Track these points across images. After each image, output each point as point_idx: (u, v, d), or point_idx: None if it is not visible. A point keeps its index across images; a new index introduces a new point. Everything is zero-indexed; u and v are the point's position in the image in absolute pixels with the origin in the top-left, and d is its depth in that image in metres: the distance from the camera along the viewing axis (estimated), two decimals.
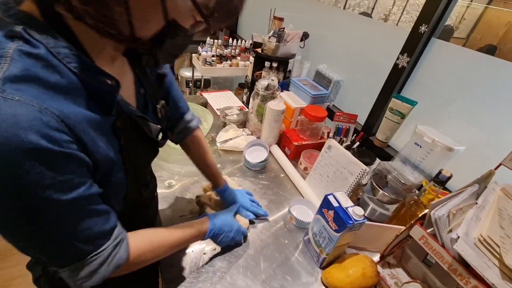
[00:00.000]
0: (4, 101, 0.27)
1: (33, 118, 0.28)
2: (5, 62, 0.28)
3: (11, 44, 0.29)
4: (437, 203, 0.54)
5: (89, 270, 0.38)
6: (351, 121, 1.05)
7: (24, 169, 0.28)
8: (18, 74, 0.29)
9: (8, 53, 0.29)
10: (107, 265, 0.40)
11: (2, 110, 0.27)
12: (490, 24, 2.94)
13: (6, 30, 0.30)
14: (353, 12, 1.14)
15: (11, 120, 0.27)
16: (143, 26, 0.35)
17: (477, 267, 0.44)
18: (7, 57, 0.28)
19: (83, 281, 0.39)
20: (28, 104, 0.28)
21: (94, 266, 0.39)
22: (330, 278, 0.63)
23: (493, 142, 0.76)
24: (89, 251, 0.38)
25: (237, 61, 1.80)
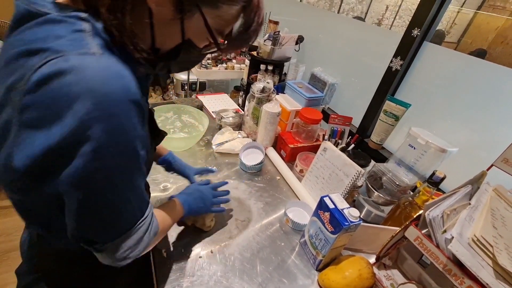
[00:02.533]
0: (109, 60, 0.32)
1: (129, 75, 0.33)
2: (90, 35, 0.33)
3: (85, 23, 0.33)
4: (431, 204, 0.55)
5: (136, 238, 0.40)
6: (346, 124, 1.05)
7: (128, 118, 0.33)
8: (104, 45, 0.33)
9: (87, 28, 0.33)
10: (149, 233, 0.43)
11: (112, 67, 0.32)
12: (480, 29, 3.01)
13: (72, 15, 0.33)
14: (347, 17, 1.16)
15: (119, 74, 0.32)
16: (163, 40, 0.40)
17: (471, 267, 0.45)
18: (89, 31, 0.33)
19: (129, 252, 0.40)
20: (123, 65, 0.33)
21: (140, 234, 0.41)
22: (326, 280, 0.63)
23: (485, 143, 0.77)
24: (138, 217, 0.40)
25: (232, 64, 1.80)
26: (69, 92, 0.29)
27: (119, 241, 0.39)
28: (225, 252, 0.68)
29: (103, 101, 0.30)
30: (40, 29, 0.32)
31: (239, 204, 0.83)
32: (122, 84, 0.32)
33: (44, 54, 0.30)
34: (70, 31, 0.32)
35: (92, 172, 0.32)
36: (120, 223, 0.39)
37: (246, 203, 0.84)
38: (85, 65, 0.30)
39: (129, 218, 0.39)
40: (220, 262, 0.66)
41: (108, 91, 0.31)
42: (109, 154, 0.32)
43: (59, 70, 0.29)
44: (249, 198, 0.86)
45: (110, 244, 0.38)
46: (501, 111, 0.74)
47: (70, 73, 0.29)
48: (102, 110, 0.30)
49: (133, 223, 0.40)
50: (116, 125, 0.32)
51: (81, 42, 0.32)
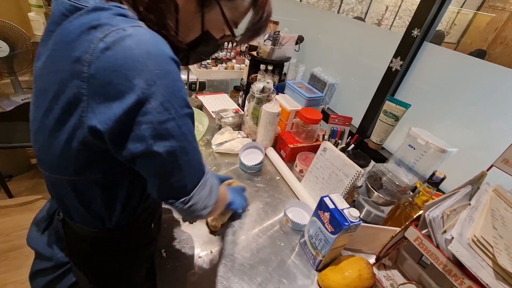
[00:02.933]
0: (145, 30, 0.36)
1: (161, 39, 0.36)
2: (133, 16, 0.37)
3: (128, 11, 0.37)
4: (431, 204, 0.55)
5: (208, 188, 0.45)
6: (346, 124, 1.05)
7: (177, 74, 0.37)
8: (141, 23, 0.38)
9: (129, 13, 0.37)
10: (214, 187, 0.48)
11: (155, 35, 0.36)
12: (480, 29, 3.02)
13: (112, 4, 0.37)
14: (347, 17, 1.16)
15: (161, 40, 0.36)
16: (186, 33, 0.45)
17: (471, 267, 0.45)
18: (130, 15, 0.37)
19: (208, 200, 0.45)
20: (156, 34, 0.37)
21: (210, 184, 0.46)
22: (326, 280, 0.62)
23: (484, 144, 0.77)
24: (203, 167, 0.45)
25: (232, 64, 1.80)
26: (132, 55, 0.33)
27: (197, 191, 0.43)
28: (225, 252, 0.68)
29: (159, 61, 0.34)
30: (93, 14, 0.36)
31: None
32: (166, 47, 0.36)
33: (104, 27, 0.34)
34: (116, 13, 0.36)
35: (164, 123, 0.36)
36: (195, 172, 0.43)
37: None
38: (141, 33, 0.34)
39: (200, 167, 0.43)
40: (220, 262, 0.65)
41: (161, 52, 0.35)
42: (173, 106, 0.36)
43: (120, 37, 0.33)
44: (249, 198, 0.86)
45: (192, 196, 0.42)
46: (501, 111, 0.74)
47: (130, 38, 0.33)
48: (160, 68, 0.34)
49: (203, 172, 0.44)
50: (172, 79, 0.36)
51: (131, 20, 0.36)
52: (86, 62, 0.33)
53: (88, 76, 0.33)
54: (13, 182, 1.87)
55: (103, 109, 0.34)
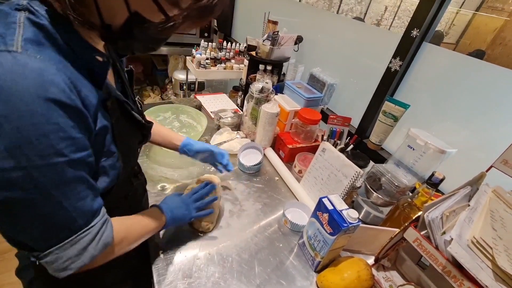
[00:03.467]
0: (29, 58, 0.31)
1: (54, 74, 0.32)
2: (20, 27, 0.32)
3: (20, 14, 0.33)
4: (431, 205, 0.55)
5: (78, 247, 0.38)
6: (345, 124, 1.05)
7: (46, 118, 0.31)
8: (33, 38, 0.32)
9: (20, 19, 0.32)
10: (96, 243, 0.40)
11: (29, 64, 0.31)
12: (479, 30, 3.02)
13: (14, 4, 0.33)
14: (346, 17, 1.15)
15: (37, 72, 0.31)
16: (110, 15, 0.37)
17: (471, 268, 0.45)
18: (20, 23, 0.32)
19: (71, 261, 0.38)
20: (48, 63, 0.32)
21: (83, 243, 0.38)
22: (325, 281, 0.62)
23: (484, 144, 0.77)
24: (80, 225, 0.38)
25: (231, 64, 1.80)
26: None
27: (56, 251, 0.36)
28: (223, 254, 0.68)
29: (13, 100, 0.29)
30: None
31: (237, 205, 0.83)
32: (39, 82, 0.30)
33: None
34: (2, 24, 0.32)
35: (9, 171, 0.30)
36: (54, 232, 0.36)
37: (244, 204, 0.84)
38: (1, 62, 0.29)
39: (66, 227, 0.36)
40: (217, 263, 0.65)
41: (20, 89, 0.29)
42: (23, 154, 0.30)
43: None
44: (247, 198, 0.86)
45: (47, 253, 0.36)
46: (500, 112, 0.74)
47: None
48: (12, 109, 0.29)
49: (72, 232, 0.37)
50: (29, 124, 0.30)
51: (5, 38, 0.31)
52: None
53: None
54: None
55: None
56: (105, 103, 0.42)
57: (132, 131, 0.53)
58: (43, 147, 0.31)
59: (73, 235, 0.37)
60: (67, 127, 0.33)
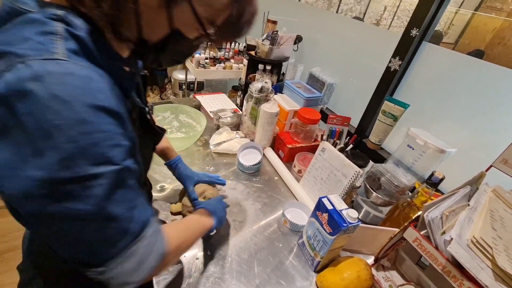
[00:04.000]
0: (75, 65, 0.31)
1: (99, 81, 0.32)
2: (61, 37, 0.31)
3: (58, 24, 0.32)
4: (430, 205, 0.55)
5: (136, 259, 0.36)
6: (344, 124, 1.05)
7: (97, 126, 0.31)
8: (74, 49, 0.32)
9: (59, 31, 0.31)
10: (152, 253, 0.38)
11: (77, 72, 0.30)
12: (478, 30, 3.02)
13: (49, 13, 0.32)
14: (345, 17, 1.15)
15: (85, 80, 0.30)
16: (150, 31, 0.38)
17: (471, 268, 0.45)
18: (59, 34, 0.31)
19: (131, 275, 0.36)
20: (94, 70, 0.32)
21: (140, 253, 0.37)
22: (324, 281, 0.62)
23: (483, 144, 0.77)
24: (135, 234, 0.36)
25: (230, 64, 1.79)
26: (31, 103, 0.28)
27: (114, 264, 0.35)
28: (222, 254, 0.67)
29: (64, 109, 0.29)
30: (14, 30, 0.31)
31: (237, 205, 0.83)
32: (88, 90, 0.30)
33: (8, 57, 0.29)
34: (39, 32, 0.31)
35: (64, 183, 0.30)
36: (111, 243, 0.35)
37: (243, 204, 0.83)
38: (47, 72, 0.28)
39: (122, 237, 0.35)
40: (217, 263, 0.65)
41: (70, 98, 0.29)
42: (77, 164, 0.30)
43: (20, 79, 0.28)
44: (247, 198, 0.86)
45: (108, 269, 0.35)
46: (499, 112, 0.74)
47: (31, 81, 0.28)
48: (64, 119, 0.28)
49: (127, 242, 0.35)
50: (81, 133, 0.29)
51: (47, 46, 0.30)
52: None
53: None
54: None
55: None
56: (130, 114, 0.41)
57: (147, 139, 0.52)
58: (96, 156, 0.31)
59: (128, 244, 0.36)
60: (116, 135, 0.33)
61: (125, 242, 0.35)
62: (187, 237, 0.49)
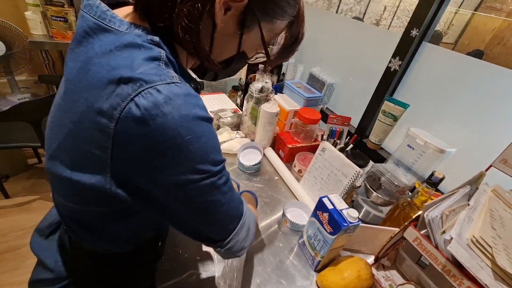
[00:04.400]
0: (187, 87, 0.35)
1: (195, 97, 0.35)
2: (165, 63, 0.35)
3: (159, 50, 0.35)
4: (430, 205, 0.55)
5: (245, 229, 0.47)
6: (344, 124, 1.05)
7: (211, 134, 0.36)
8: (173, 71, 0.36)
9: (162, 57, 0.35)
10: (251, 223, 0.49)
11: (191, 92, 0.34)
12: (477, 30, 3.03)
13: (147, 39, 0.35)
14: (345, 17, 1.16)
15: (197, 98, 0.35)
16: (220, 53, 0.44)
17: (470, 268, 0.45)
18: (163, 60, 0.35)
19: (244, 241, 0.47)
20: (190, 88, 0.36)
21: (248, 224, 0.47)
22: (325, 281, 0.62)
23: (483, 144, 0.77)
24: (242, 212, 0.46)
25: None
26: (165, 127, 0.31)
27: (234, 236, 0.44)
28: None
29: (192, 125, 0.33)
30: (123, 54, 0.33)
31: None
32: (200, 106, 0.35)
33: (136, 83, 0.31)
34: (151, 58, 0.34)
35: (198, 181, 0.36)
36: (232, 221, 0.44)
37: None
38: (174, 95, 0.32)
39: (237, 215, 0.45)
40: (218, 263, 0.65)
41: (194, 115, 0.33)
42: (206, 166, 0.36)
43: (155, 103, 0.31)
44: None
45: (229, 240, 0.44)
46: (499, 112, 0.74)
47: (165, 104, 0.31)
48: (193, 133, 0.33)
49: (240, 216, 0.45)
50: (205, 142, 0.35)
51: (164, 71, 0.34)
52: (111, 117, 0.31)
53: (114, 133, 0.32)
54: (9, 182, 1.85)
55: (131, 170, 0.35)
56: None
57: None
58: (214, 157, 0.37)
59: (241, 220, 0.45)
60: (216, 139, 0.38)
61: (238, 218, 0.45)
62: (254, 212, 0.58)
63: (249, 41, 0.43)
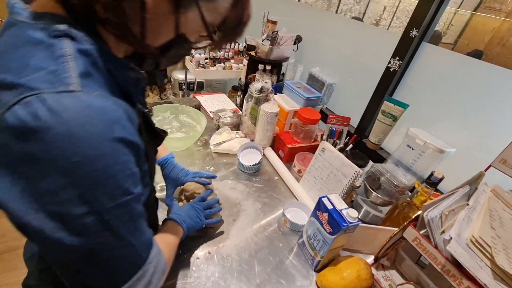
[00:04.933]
0: (90, 96, 0.29)
1: (114, 110, 0.31)
2: (70, 60, 0.29)
3: (65, 43, 0.30)
4: (430, 205, 0.55)
5: (144, 282, 0.37)
6: (344, 124, 1.05)
7: (114, 159, 0.30)
8: (85, 71, 0.30)
9: (68, 51, 0.29)
10: (157, 273, 0.39)
11: (93, 104, 0.29)
12: (477, 30, 3.03)
13: (51, 31, 0.30)
14: (345, 17, 1.15)
15: (101, 112, 0.29)
16: (155, 37, 0.38)
17: (470, 267, 0.45)
18: (68, 55, 0.29)
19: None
20: (105, 98, 0.31)
21: (148, 276, 0.38)
22: (325, 281, 0.62)
23: (482, 144, 0.77)
24: (145, 259, 0.37)
25: (230, 64, 1.80)
26: (47, 141, 0.27)
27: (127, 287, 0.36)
28: (223, 253, 0.68)
29: (83, 145, 0.28)
30: (19, 52, 0.29)
31: (237, 204, 0.83)
32: (104, 123, 0.29)
33: (18, 90, 0.27)
34: (48, 58, 0.29)
35: (82, 217, 0.29)
36: (125, 270, 0.35)
37: (244, 204, 0.84)
38: (63, 107, 0.27)
39: (134, 263, 0.36)
40: (217, 263, 0.65)
41: (88, 133, 0.28)
42: (95, 198, 0.30)
43: (34, 114, 0.26)
44: (247, 198, 0.86)
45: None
46: (499, 112, 0.74)
47: (46, 118, 0.26)
48: (82, 155, 0.28)
49: (138, 268, 0.36)
50: (100, 168, 0.29)
51: (61, 75, 0.28)
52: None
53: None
54: None
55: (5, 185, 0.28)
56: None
57: (151, 143, 0.52)
58: (113, 188, 0.31)
59: (140, 270, 0.36)
60: (130, 164, 0.33)
61: (136, 268, 0.36)
62: (172, 252, 0.52)
63: (188, 22, 0.38)
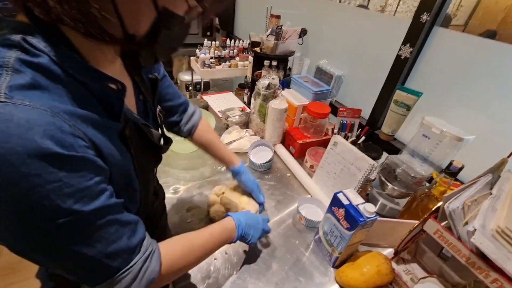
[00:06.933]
0: (15, 107, 0.26)
1: (46, 123, 0.27)
2: (7, 71, 0.27)
3: (10, 53, 0.28)
4: (451, 195, 0.53)
5: (123, 286, 0.36)
6: (355, 116, 1.03)
7: (43, 178, 0.27)
8: (24, 83, 0.27)
9: (9, 62, 0.27)
10: (139, 281, 0.37)
11: (15, 115, 0.25)
12: (488, 9, 2.90)
13: (4, 39, 0.28)
14: (349, 6, 1.12)
15: (25, 125, 0.26)
16: (135, 20, 0.33)
17: (497, 259, 0.43)
18: (8, 67, 0.27)
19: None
20: (39, 109, 0.27)
21: (125, 283, 0.36)
22: (344, 277, 0.62)
23: (503, 129, 0.74)
24: (118, 267, 0.35)
25: (236, 62, 1.79)
26: None
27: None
28: (240, 253, 0.68)
29: (5, 165, 0.25)
30: None
31: None
32: (28, 137, 0.26)
33: None
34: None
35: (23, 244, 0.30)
36: (92, 274, 0.34)
37: None
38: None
39: (99, 270, 0.34)
40: (235, 263, 0.65)
41: (6, 151, 0.25)
42: (28, 225, 0.28)
43: None
44: None
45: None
46: None
47: None
48: (3, 176, 0.25)
49: (110, 275, 0.35)
50: (25, 190, 0.26)
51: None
52: None
53: None
54: None
55: None
56: (123, 132, 0.39)
57: (148, 157, 0.49)
58: (48, 210, 0.28)
59: (111, 277, 0.35)
60: (73, 180, 0.29)
61: (106, 276, 0.35)
62: (190, 260, 0.47)
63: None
